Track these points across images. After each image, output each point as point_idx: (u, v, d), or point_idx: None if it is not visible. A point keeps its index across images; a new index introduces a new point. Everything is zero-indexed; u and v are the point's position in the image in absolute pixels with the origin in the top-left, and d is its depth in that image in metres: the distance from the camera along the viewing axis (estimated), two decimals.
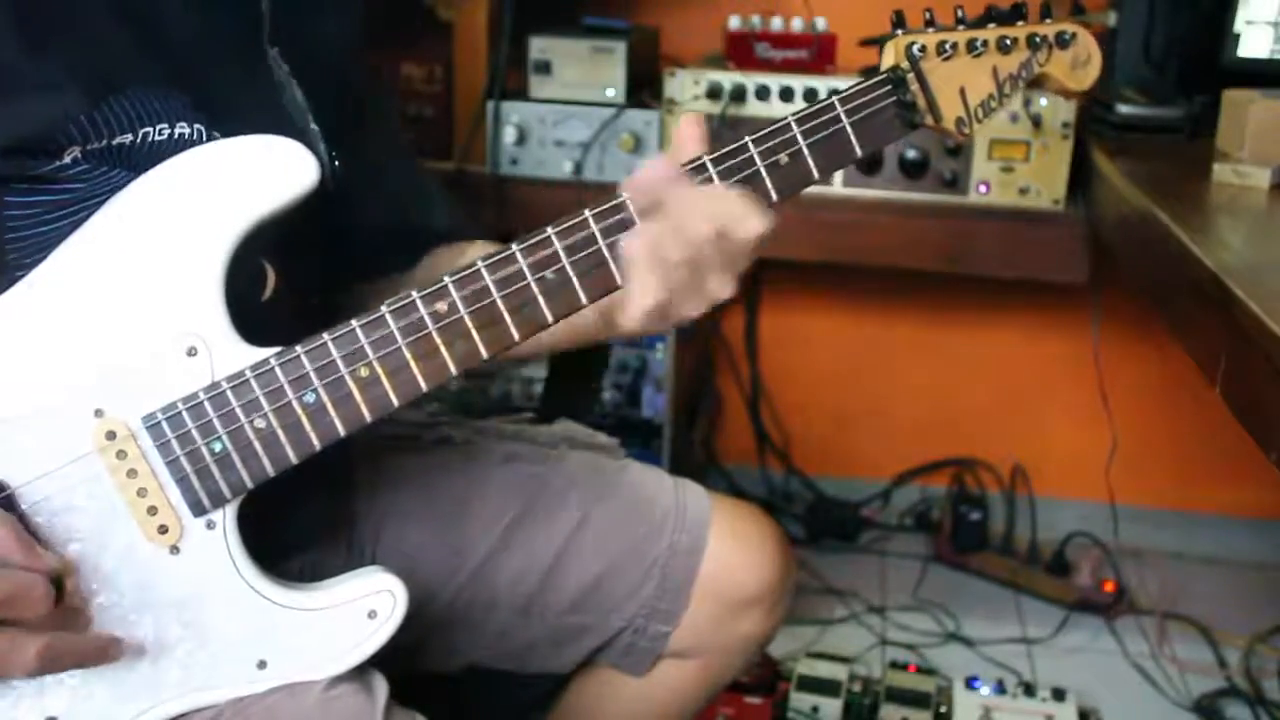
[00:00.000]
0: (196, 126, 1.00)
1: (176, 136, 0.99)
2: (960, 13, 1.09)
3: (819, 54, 2.18)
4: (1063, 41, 1.11)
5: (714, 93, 2.10)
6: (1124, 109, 1.99)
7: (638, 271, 0.98)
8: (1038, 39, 1.10)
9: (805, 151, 1.04)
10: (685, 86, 2.11)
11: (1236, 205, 1.54)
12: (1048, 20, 1.11)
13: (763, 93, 2.09)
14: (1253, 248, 1.39)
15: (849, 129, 1.06)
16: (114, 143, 0.96)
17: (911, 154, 2.10)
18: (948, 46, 1.08)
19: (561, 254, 1.00)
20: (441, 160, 2.24)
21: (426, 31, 2.20)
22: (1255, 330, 1.04)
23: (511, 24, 2.17)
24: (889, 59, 1.09)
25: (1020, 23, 1.11)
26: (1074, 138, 2.03)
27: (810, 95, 2.07)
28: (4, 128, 0.92)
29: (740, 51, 2.20)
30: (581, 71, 2.17)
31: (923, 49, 1.08)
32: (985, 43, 1.09)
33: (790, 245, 2.13)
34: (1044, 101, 2.01)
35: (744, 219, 0.98)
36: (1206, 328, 1.22)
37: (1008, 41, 1.09)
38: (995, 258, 2.09)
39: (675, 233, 0.96)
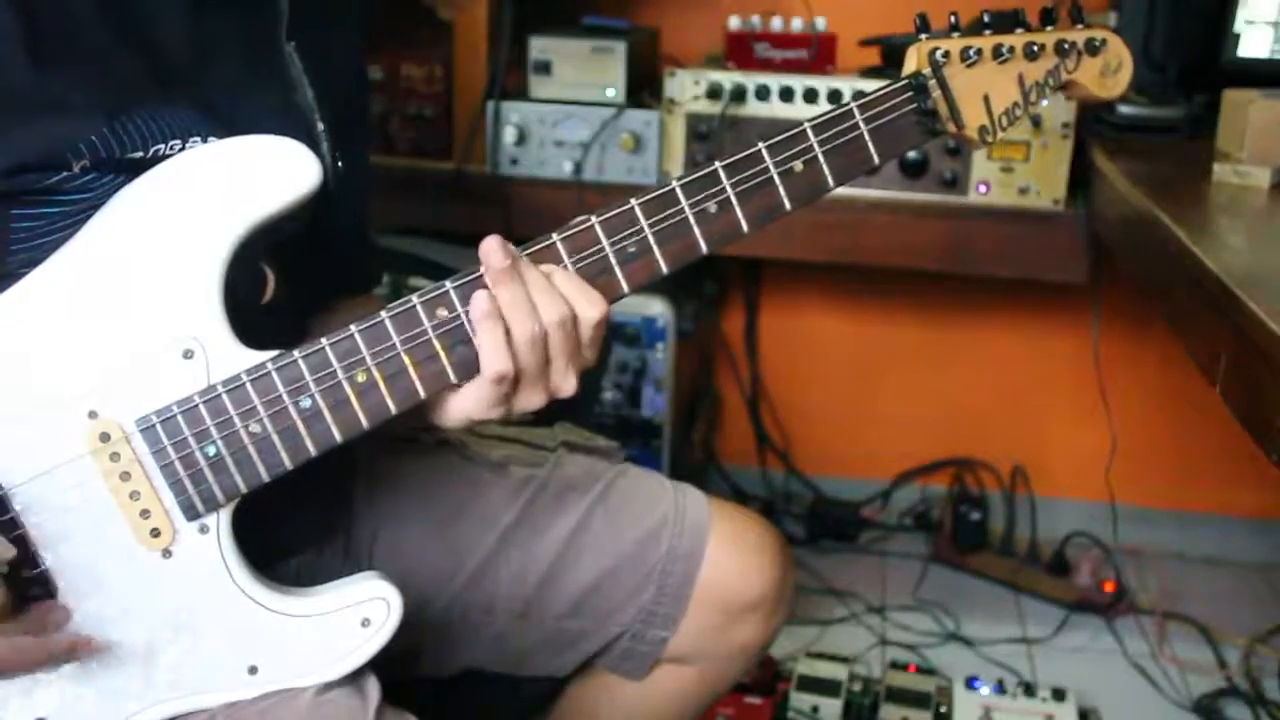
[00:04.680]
0: (211, 139, 0.99)
1: (188, 151, 0.99)
2: (986, 17, 1.07)
3: (819, 54, 2.18)
4: (1092, 48, 1.09)
5: (714, 93, 2.10)
6: (1124, 109, 1.99)
7: (487, 333, 0.98)
8: (1066, 45, 1.08)
9: (821, 159, 1.03)
10: (685, 86, 2.11)
11: (1236, 205, 1.54)
12: (1078, 26, 1.09)
13: (763, 93, 2.09)
14: (1253, 248, 1.38)
15: (866, 136, 1.04)
16: (125, 158, 0.96)
17: (911, 154, 2.09)
18: (972, 53, 1.06)
19: (567, 261, 1.00)
20: (441, 160, 2.24)
21: (426, 31, 2.20)
22: (1255, 330, 1.03)
23: (511, 24, 2.17)
24: (911, 64, 1.07)
25: (1049, 28, 1.08)
26: (1074, 138, 2.02)
27: (810, 95, 2.07)
28: (16, 148, 0.92)
29: (740, 51, 2.20)
30: (581, 71, 2.17)
31: (946, 55, 1.06)
32: (1012, 49, 1.07)
33: (791, 245, 2.13)
34: (1045, 102, 2.00)
35: (587, 303, 0.99)
36: (1206, 328, 1.22)
37: (1035, 48, 1.07)
38: (995, 258, 2.09)
39: (529, 306, 0.97)
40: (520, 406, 1.02)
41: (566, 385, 1.01)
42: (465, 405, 1.02)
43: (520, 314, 0.97)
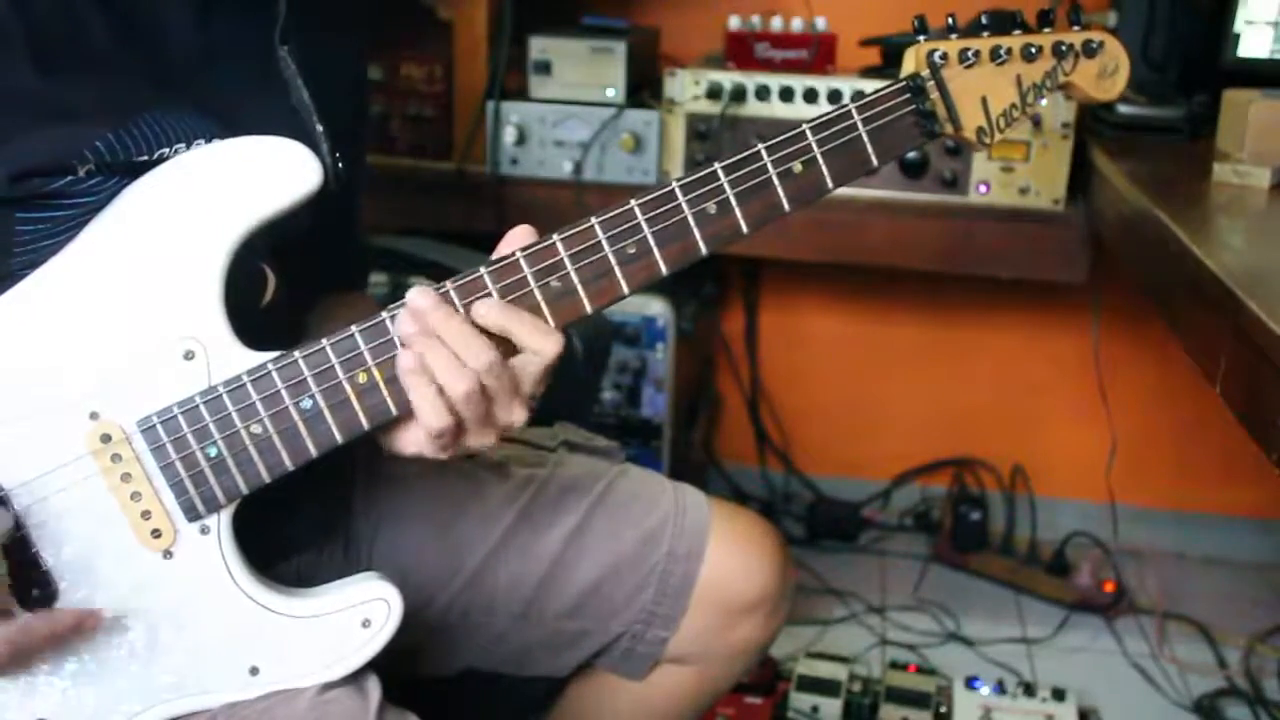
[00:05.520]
0: (215, 141, 0.99)
1: (189, 152, 0.99)
2: (984, 18, 1.07)
3: (819, 54, 2.18)
4: (1090, 50, 1.09)
5: (714, 93, 2.10)
6: (1124, 109, 1.99)
7: (417, 391, 0.97)
8: (1064, 47, 1.08)
9: (820, 160, 1.03)
10: (685, 86, 2.11)
11: (1236, 205, 1.54)
12: (1075, 27, 1.09)
13: (763, 93, 2.09)
14: (1253, 248, 1.38)
15: (865, 137, 1.04)
16: (131, 161, 0.96)
17: (911, 154, 2.09)
18: (970, 54, 1.06)
19: (567, 262, 1.00)
20: (441, 160, 2.24)
21: (426, 31, 2.20)
22: (1255, 330, 1.03)
23: (511, 24, 2.17)
24: (909, 66, 1.07)
25: (1046, 29, 1.08)
26: (1074, 138, 2.02)
27: (810, 95, 2.07)
28: (22, 154, 0.92)
29: (740, 51, 2.20)
30: (581, 71, 2.17)
31: (944, 56, 1.06)
32: (1009, 50, 1.07)
33: (790, 245, 2.13)
34: (1044, 101, 2.00)
35: (544, 341, 0.98)
36: (1206, 328, 1.22)
37: (1033, 49, 1.07)
38: (995, 258, 2.09)
39: (457, 365, 0.96)
40: (474, 445, 1.01)
41: (515, 419, 1.01)
42: (415, 443, 1.02)
43: (450, 375, 0.96)
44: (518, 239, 1.01)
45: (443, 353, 0.96)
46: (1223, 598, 2.60)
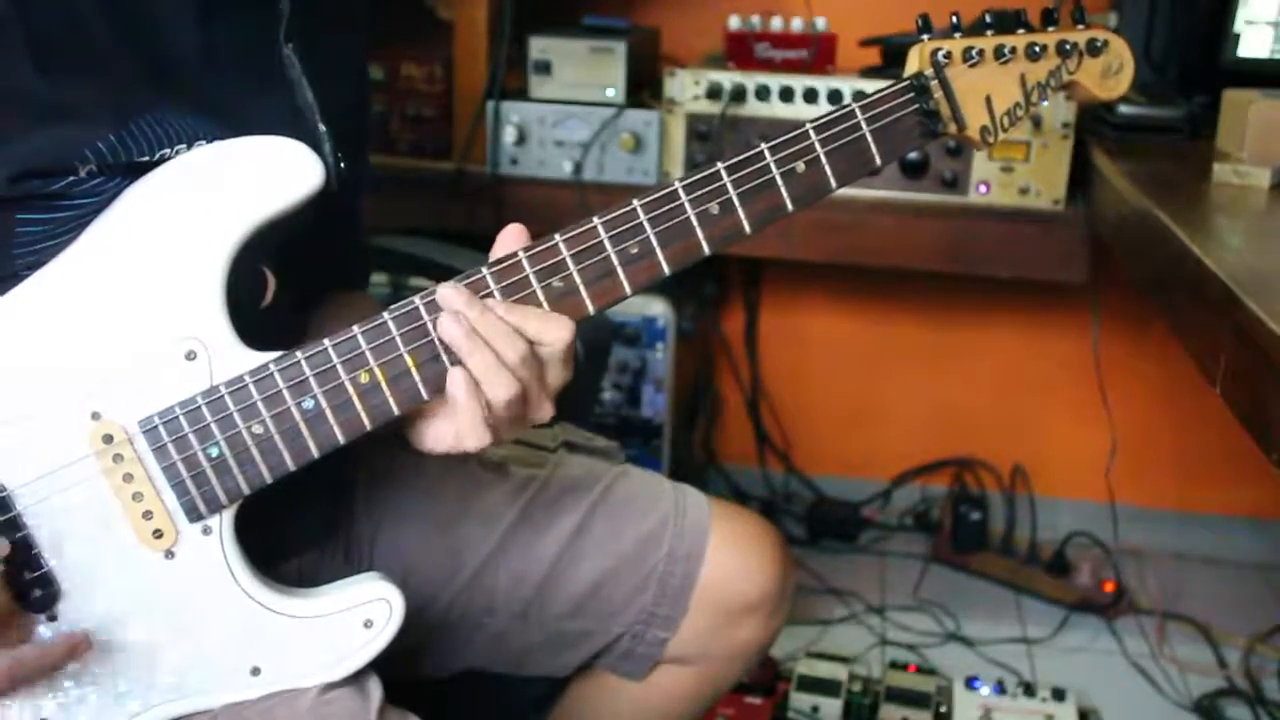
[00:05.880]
0: (216, 140, 0.99)
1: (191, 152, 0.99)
2: (988, 17, 1.07)
3: (819, 54, 2.18)
4: (1094, 49, 1.09)
5: (714, 93, 2.10)
6: (1124, 109, 1.99)
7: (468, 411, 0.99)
8: (1068, 46, 1.08)
9: (823, 159, 1.03)
10: (685, 86, 2.11)
11: (1236, 205, 1.54)
12: (1079, 26, 1.09)
13: (763, 93, 2.09)
14: (1253, 248, 1.38)
15: (869, 137, 1.04)
16: (132, 162, 0.96)
17: (912, 154, 2.09)
18: (974, 53, 1.06)
19: (570, 262, 1.00)
20: (441, 160, 2.24)
21: (426, 31, 2.20)
22: (1255, 330, 1.03)
23: (511, 24, 2.17)
24: (912, 65, 1.07)
25: (1050, 28, 1.08)
26: (1074, 138, 2.02)
27: (810, 95, 2.07)
28: (23, 155, 0.92)
29: (740, 51, 2.20)
30: (581, 71, 2.17)
31: (948, 55, 1.06)
32: (1013, 49, 1.07)
33: (791, 245, 2.13)
34: (1045, 101, 2.00)
35: (556, 328, 0.99)
36: (1206, 328, 1.22)
37: (1037, 48, 1.07)
38: (995, 258, 2.10)
39: (498, 369, 0.97)
40: (505, 438, 1.03)
41: (543, 413, 1.02)
42: (441, 441, 1.02)
43: (497, 380, 0.97)
44: (510, 238, 1.01)
45: (491, 359, 0.97)
46: (1223, 598, 2.60)
